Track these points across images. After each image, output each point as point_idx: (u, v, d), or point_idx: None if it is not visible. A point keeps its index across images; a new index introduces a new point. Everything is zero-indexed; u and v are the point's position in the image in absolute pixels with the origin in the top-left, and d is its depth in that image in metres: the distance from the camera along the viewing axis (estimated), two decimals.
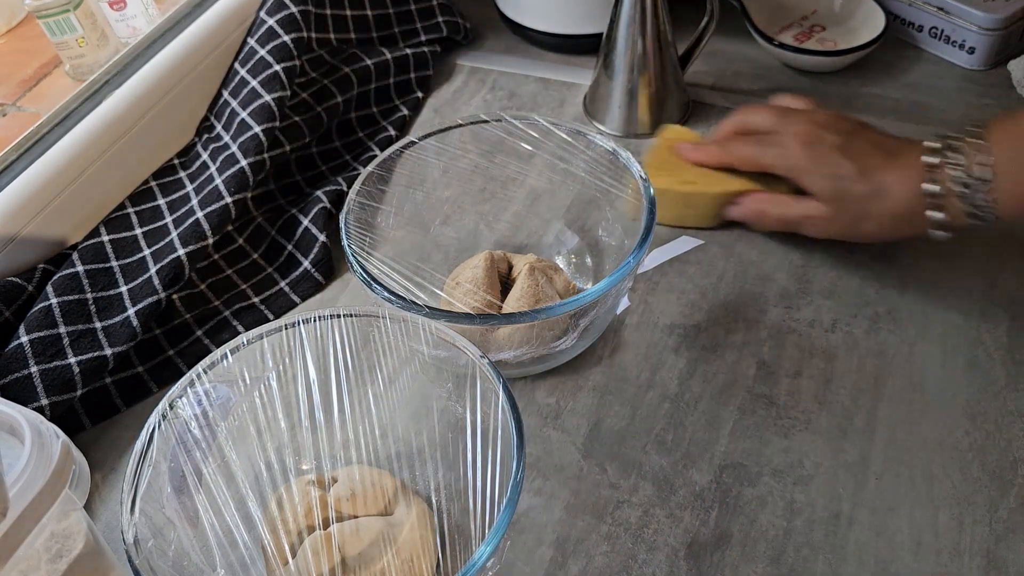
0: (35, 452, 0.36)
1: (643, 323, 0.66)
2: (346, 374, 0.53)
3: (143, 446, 0.46)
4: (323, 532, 0.49)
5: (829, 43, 0.88)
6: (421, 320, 0.52)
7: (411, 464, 0.55)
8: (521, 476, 0.44)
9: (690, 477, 0.56)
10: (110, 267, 0.68)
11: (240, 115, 0.76)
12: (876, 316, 0.65)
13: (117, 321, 0.64)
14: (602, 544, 0.54)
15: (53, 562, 0.39)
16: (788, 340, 0.64)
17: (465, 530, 0.50)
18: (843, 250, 0.69)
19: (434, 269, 0.65)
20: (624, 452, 0.58)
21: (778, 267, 0.69)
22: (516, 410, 0.47)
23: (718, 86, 0.87)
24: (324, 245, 0.71)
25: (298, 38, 0.79)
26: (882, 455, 0.57)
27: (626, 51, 0.78)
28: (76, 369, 0.61)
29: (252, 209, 0.76)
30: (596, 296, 0.54)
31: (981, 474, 0.55)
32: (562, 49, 0.92)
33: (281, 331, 0.52)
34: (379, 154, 0.65)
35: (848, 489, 0.55)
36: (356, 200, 0.62)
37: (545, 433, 0.60)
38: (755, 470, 0.56)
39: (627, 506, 0.55)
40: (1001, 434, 0.57)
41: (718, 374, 0.62)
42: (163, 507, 0.45)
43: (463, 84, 0.90)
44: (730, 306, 0.66)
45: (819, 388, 0.61)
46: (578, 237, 0.68)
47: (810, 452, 0.57)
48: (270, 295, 0.70)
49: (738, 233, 0.71)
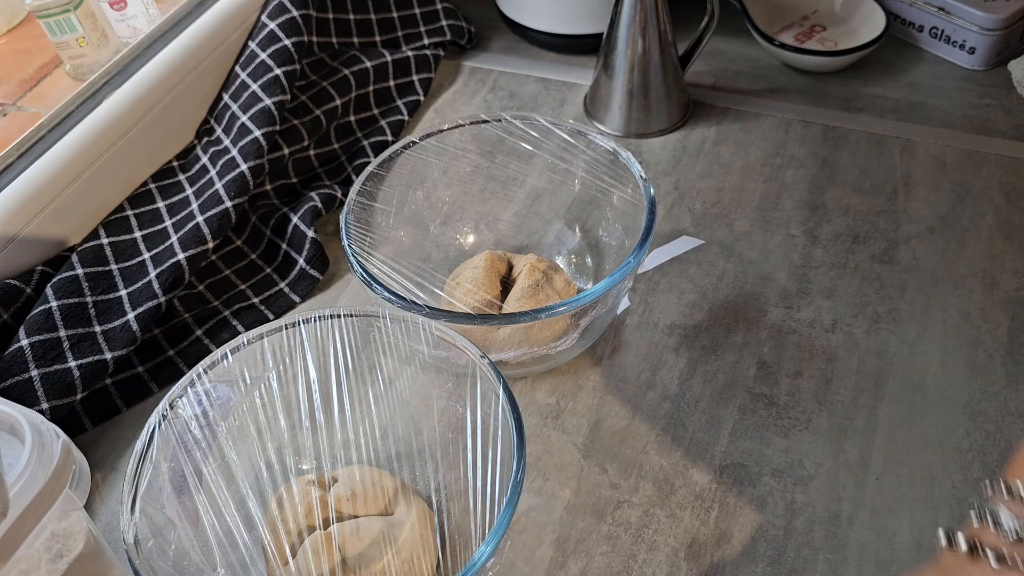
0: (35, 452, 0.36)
1: (643, 323, 0.66)
2: (346, 374, 0.53)
3: (143, 446, 0.46)
4: (323, 532, 0.49)
5: (830, 43, 0.88)
6: (421, 320, 0.52)
7: (411, 464, 0.55)
8: (522, 476, 0.44)
9: (690, 477, 0.56)
10: (110, 270, 0.68)
11: (240, 119, 0.76)
12: (876, 316, 0.65)
13: (117, 325, 0.64)
14: (602, 544, 0.54)
15: (53, 562, 0.39)
16: (788, 340, 0.64)
17: (465, 530, 0.50)
18: (842, 250, 0.69)
19: (434, 269, 0.65)
20: (624, 452, 0.58)
21: (778, 267, 0.69)
22: (516, 410, 0.47)
23: (718, 86, 0.87)
24: (314, 241, 0.71)
25: (299, 42, 0.79)
26: (882, 455, 0.57)
27: (626, 51, 0.78)
28: (76, 373, 0.61)
29: (248, 210, 0.76)
30: (596, 296, 0.54)
31: (982, 474, 0.55)
32: (562, 49, 0.92)
33: (281, 331, 0.52)
34: (377, 156, 0.65)
35: (848, 489, 0.55)
36: (356, 200, 0.62)
37: (545, 433, 0.59)
38: (755, 470, 0.56)
39: (627, 506, 0.55)
40: (1001, 434, 0.57)
41: (718, 374, 0.62)
42: (163, 507, 0.45)
43: (464, 84, 0.90)
44: (730, 306, 0.66)
45: (819, 388, 0.61)
46: (578, 237, 0.68)
47: (810, 452, 0.57)
48: (270, 295, 0.70)
49: (738, 233, 0.71)
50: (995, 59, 0.85)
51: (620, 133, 0.82)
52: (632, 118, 0.81)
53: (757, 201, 0.74)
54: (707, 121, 0.83)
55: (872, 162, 0.77)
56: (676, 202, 0.75)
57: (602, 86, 0.82)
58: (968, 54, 0.86)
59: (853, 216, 0.72)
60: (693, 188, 0.76)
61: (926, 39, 0.89)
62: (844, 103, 0.84)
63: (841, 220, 0.72)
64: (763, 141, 0.80)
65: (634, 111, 0.81)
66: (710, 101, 0.85)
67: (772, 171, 0.77)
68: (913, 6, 0.88)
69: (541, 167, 0.68)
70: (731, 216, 0.73)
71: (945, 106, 0.82)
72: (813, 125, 0.81)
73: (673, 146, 0.81)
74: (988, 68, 0.86)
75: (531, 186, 0.71)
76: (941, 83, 0.85)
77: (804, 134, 0.80)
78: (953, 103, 0.83)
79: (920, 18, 0.88)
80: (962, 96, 0.83)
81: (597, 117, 0.83)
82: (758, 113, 0.83)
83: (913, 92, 0.84)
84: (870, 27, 0.87)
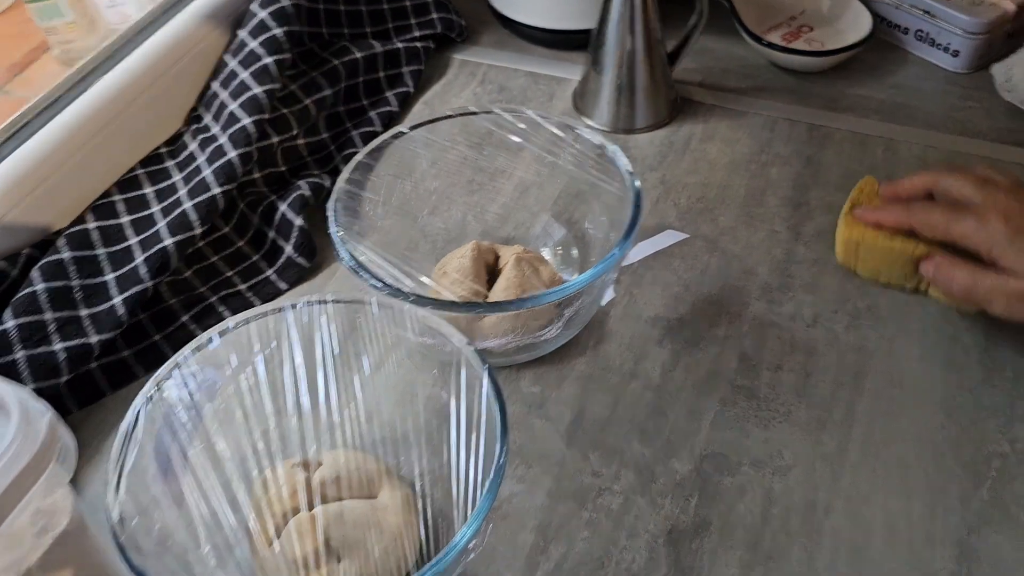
0: (22, 426, 0.37)
1: (628, 315, 0.66)
2: (332, 359, 0.53)
3: (129, 426, 0.46)
4: (308, 514, 0.49)
5: (816, 43, 0.89)
6: (408, 307, 0.52)
7: (396, 449, 0.55)
8: (504, 460, 0.45)
9: (671, 466, 0.57)
10: (96, 255, 0.68)
11: (229, 107, 0.76)
12: (856, 312, 0.66)
13: (103, 309, 0.64)
14: (583, 530, 0.54)
15: (38, 537, 0.39)
16: (770, 334, 0.65)
17: (448, 514, 0.51)
18: (824, 247, 0.70)
19: (422, 259, 0.66)
20: (607, 440, 0.59)
21: (761, 262, 0.70)
22: (500, 396, 0.47)
23: (706, 83, 0.88)
24: (302, 229, 0.71)
25: (289, 31, 0.79)
26: (859, 447, 0.58)
27: (615, 47, 0.79)
28: (62, 356, 0.61)
29: (237, 198, 0.76)
30: (581, 286, 0.55)
31: (955, 466, 0.56)
32: (552, 44, 0.93)
33: (268, 316, 0.52)
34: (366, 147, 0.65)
35: (825, 479, 0.56)
36: (344, 188, 0.62)
37: (529, 421, 0.60)
38: (735, 460, 0.57)
39: (609, 493, 0.56)
40: (976, 428, 0.58)
41: (700, 366, 0.63)
42: (148, 487, 0.46)
43: (454, 77, 0.91)
44: (713, 299, 0.67)
45: (799, 381, 0.62)
46: (565, 229, 0.69)
47: (789, 443, 0.58)
48: (257, 282, 0.71)
49: (722, 228, 0.72)
50: (978, 62, 0.86)
51: (608, 128, 0.83)
52: (620, 114, 0.82)
53: (742, 197, 0.75)
54: (695, 118, 0.84)
55: (855, 161, 0.78)
56: (662, 197, 0.76)
57: (591, 81, 0.82)
58: (952, 57, 0.87)
59: (836, 214, 0.72)
60: (679, 183, 0.77)
61: (911, 41, 0.90)
62: (829, 103, 0.85)
63: (824, 217, 0.73)
64: (749, 138, 0.81)
65: (622, 107, 0.81)
66: (698, 98, 0.86)
67: (757, 168, 0.78)
68: (899, 9, 0.89)
69: (529, 160, 0.69)
70: (716, 211, 0.74)
71: (928, 107, 0.83)
72: (799, 124, 0.82)
73: (660, 142, 0.81)
74: (971, 71, 0.87)
75: (519, 178, 0.72)
76: (925, 85, 0.86)
77: (790, 132, 0.81)
78: (936, 104, 0.84)
79: (906, 21, 0.89)
80: (945, 98, 0.85)
81: (586, 112, 0.84)
82: (745, 111, 0.84)
83: (897, 93, 0.85)
84: (856, 29, 0.88)
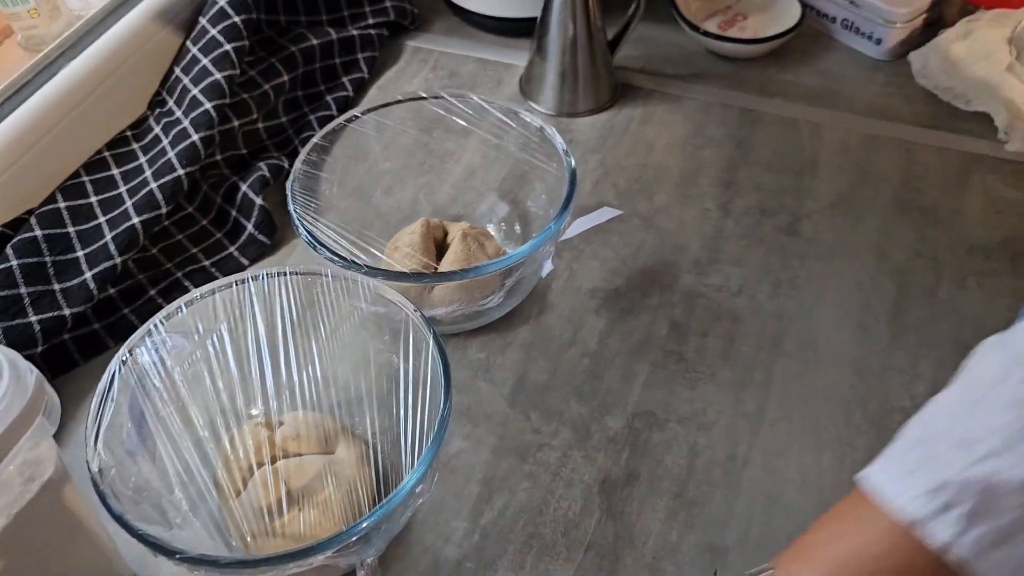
0: (12, 382, 0.41)
1: (567, 287, 0.71)
2: (292, 327, 0.58)
3: (105, 387, 0.50)
4: (271, 467, 0.54)
5: (749, 32, 0.95)
6: (361, 278, 0.57)
7: (351, 409, 0.60)
8: (448, 414, 0.50)
9: (605, 423, 0.62)
10: (67, 232, 0.71)
11: (191, 92, 0.80)
12: (778, 283, 0.71)
13: (75, 284, 0.68)
14: (524, 481, 0.59)
15: (26, 485, 0.43)
16: (698, 303, 0.70)
17: (398, 466, 0.56)
18: (751, 223, 0.76)
19: (376, 235, 0.70)
20: (547, 402, 0.64)
21: (692, 238, 0.75)
22: (445, 357, 0.52)
23: (646, 69, 0.93)
24: (262, 208, 0.75)
25: (248, 19, 0.83)
26: (776, 405, 0.63)
27: (559, 35, 0.83)
28: (37, 327, 0.65)
29: (200, 179, 0.79)
30: (522, 257, 0.60)
31: (862, 421, 0.62)
32: (500, 32, 0.97)
33: (232, 287, 0.56)
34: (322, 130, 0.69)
35: (744, 434, 0.62)
36: (301, 169, 0.66)
37: (476, 385, 0.65)
38: (663, 417, 0.63)
39: (548, 449, 0.61)
40: (882, 386, 0.64)
41: (634, 333, 0.68)
42: (124, 442, 0.50)
43: (406, 63, 0.95)
44: (647, 272, 0.72)
45: (724, 346, 0.67)
46: (509, 207, 0.74)
47: (713, 402, 0.64)
48: (220, 259, 0.75)
49: (657, 207, 0.77)
50: (899, 50, 0.92)
51: (553, 112, 0.87)
52: (564, 98, 0.86)
53: (677, 177, 0.80)
54: (634, 102, 0.89)
55: (783, 143, 0.83)
56: (602, 178, 0.81)
57: (536, 67, 0.87)
58: (875, 44, 0.93)
59: (763, 192, 0.79)
60: (618, 165, 0.82)
61: (838, 30, 0.95)
62: (760, 88, 0.90)
63: (752, 196, 0.78)
64: (685, 122, 0.86)
65: (565, 92, 0.86)
66: (638, 84, 0.91)
67: (692, 150, 0.83)
68: None
69: (476, 143, 0.74)
70: (652, 191, 0.79)
71: (851, 93, 0.89)
72: (731, 108, 0.88)
73: (601, 125, 0.86)
74: (893, 59, 0.93)
75: (467, 160, 0.76)
76: (849, 71, 0.92)
77: (723, 116, 0.87)
78: (859, 90, 0.89)
79: (832, 10, 0.95)
80: (868, 84, 0.90)
81: (532, 97, 0.89)
82: (682, 96, 0.89)
83: (824, 79, 0.91)
84: (787, 17, 0.93)
